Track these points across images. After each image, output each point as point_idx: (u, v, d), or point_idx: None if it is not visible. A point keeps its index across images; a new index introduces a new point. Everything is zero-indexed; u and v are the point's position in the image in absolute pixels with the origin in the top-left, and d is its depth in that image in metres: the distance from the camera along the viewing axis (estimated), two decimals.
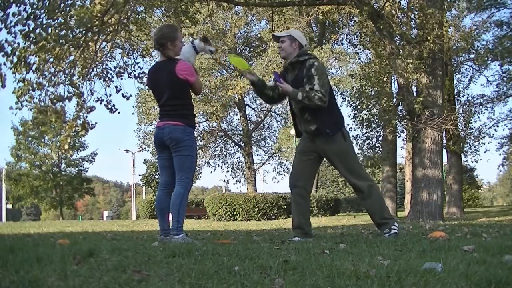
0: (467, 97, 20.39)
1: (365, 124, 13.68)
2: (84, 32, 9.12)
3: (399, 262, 2.20)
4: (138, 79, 10.76)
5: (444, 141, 13.54)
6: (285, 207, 18.80)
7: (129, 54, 10.92)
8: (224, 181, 29.44)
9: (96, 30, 9.27)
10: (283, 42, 4.13)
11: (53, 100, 9.40)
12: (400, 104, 13.35)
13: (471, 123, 19.72)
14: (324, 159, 4.31)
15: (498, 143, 21.11)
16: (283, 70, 4.30)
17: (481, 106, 19.76)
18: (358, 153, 16.10)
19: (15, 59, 8.48)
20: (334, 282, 1.78)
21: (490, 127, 19.77)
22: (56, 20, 8.52)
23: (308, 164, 4.19)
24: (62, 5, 8.45)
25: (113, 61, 11.00)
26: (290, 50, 4.11)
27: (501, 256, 2.38)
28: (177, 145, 3.81)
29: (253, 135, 27.46)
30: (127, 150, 38.12)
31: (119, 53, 10.95)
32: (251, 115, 28.14)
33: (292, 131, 22.00)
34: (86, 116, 10.22)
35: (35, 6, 8.00)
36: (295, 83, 4.04)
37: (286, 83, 4.18)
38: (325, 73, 4.03)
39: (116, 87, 10.36)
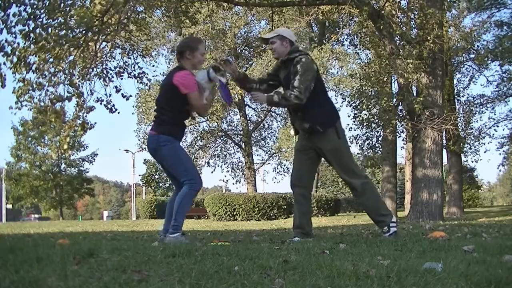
0: (467, 97, 20.42)
1: (365, 124, 13.66)
2: (84, 32, 9.12)
3: (399, 262, 2.19)
4: (138, 79, 10.75)
5: (444, 141, 13.54)
6: (285, 207, 18.81)
7: (129, 54, 10.90)
8: (224, 181, 29.46)
9: (96, 30, 9.27)
10: (273, 43, 4.09)
11: (53, 100, 9.40)
12: (400, 104, 13.34)
13: (471, 123, 19.75)
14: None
15: (498, 143, 21.15)
16: (276, 68, 4.29)
17: (481, 106, 19.78)
18: (358, 153, 16.11)
19: (15, 59, 8.47)
20: (334, 282, 1.78)
21: (490, 127, 19.80)
22: (56, 20, 8.52)
23: (308, 163, 4.19)
24: (62, 5, 8.45)
25: (113, 61, 11.00)
26: (282, 49, 4.08)
27: (501, 256, 2.38)
28: (157, 156, 3.90)
29: (253, 135, 27.43)
30: (127, 150, 38.17)
31: (119, 53, 10.94)
32: (251, 115, 28.13)
33: (292, 131, 22.03)
34: (86, 116, 10.25)
35: (35, 6, 8.00)
36: (286, 80, 4.05)
37: (279, 80, 4.20)
38: (310, 70, 3.95)
39: (116, 87, 10.35)
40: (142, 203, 26.62)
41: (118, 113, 10.36)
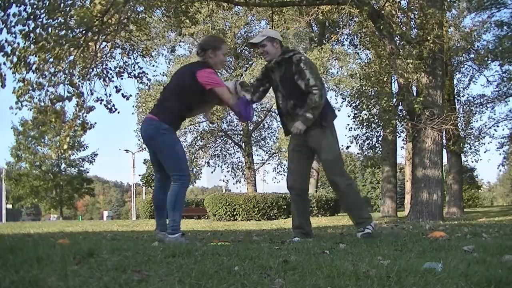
0: (467, 97, 20.43)
1: (365, 124, 13.65)
2: (84, 32, 9.12)
3: (399, 262, 2.20)
4: (138, 79, 10.76)
5: (444, 141, 13.54)
6: (285, 207, 18.79)
7: (129, 54, 10.91)
8: (224, 181, 29.42)
9: (96, 30, 9.27)
10: (264, 46, 4.06)
11: (53, 100, 9.40)
12: (400, 104, 13.34)
13: (471, 123, 19.76)
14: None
15: (498, 143, 21.14)
16: (265, 71, 4.24)
17: (481, 106, 19.79)
18: (358, 153, 16.10)
19: (15, 59, 8.47)
20: (334, 282, 1.78)
21: (490, 127, 19.81)
22: (56, 20, 8.52)
23: (303, 163, 4.21)
24: (62, 5, 8.45)
25: (113, 61, 11.01)
26: (274, 51, 4.06)
27: (501, 256, 2.38)
28: (152, 142, 3.79)
29: (253, 135, 27.41)
30: (127, 150, 38.12)
31: (119, 53, 10.94)
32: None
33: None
34: (86, 116, 10.26)
35: (35, 6, 8.00)
36: (283, 80, 4.05)
37: (272, 83, 4.18)
38: (314, 65, 4.07)
39: (116, 87, 10.36)
40: (142, 203, 26.57)
41: (118, 113, 10.38)
